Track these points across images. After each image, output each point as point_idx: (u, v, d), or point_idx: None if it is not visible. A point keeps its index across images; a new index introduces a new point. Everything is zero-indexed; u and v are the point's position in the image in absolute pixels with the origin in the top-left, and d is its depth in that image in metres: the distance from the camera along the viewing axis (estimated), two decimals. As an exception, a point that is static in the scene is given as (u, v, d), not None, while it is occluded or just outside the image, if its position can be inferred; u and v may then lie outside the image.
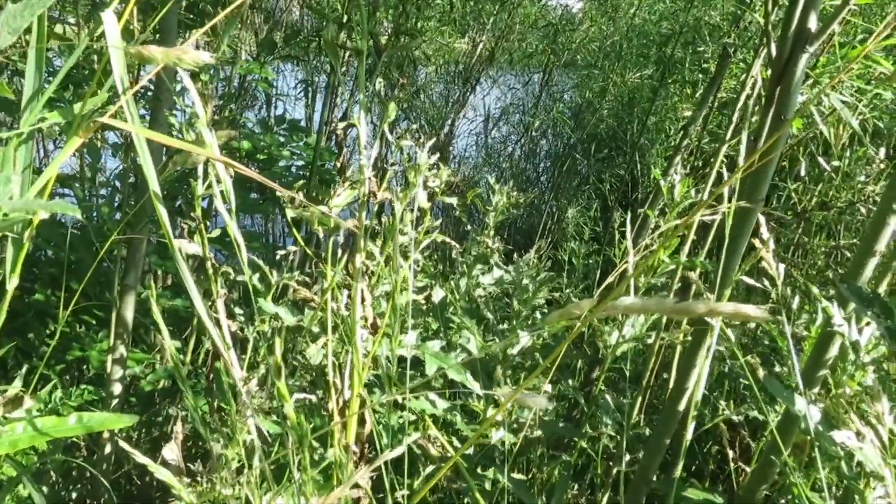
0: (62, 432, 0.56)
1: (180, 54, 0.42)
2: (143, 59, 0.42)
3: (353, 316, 1.18)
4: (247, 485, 0.72)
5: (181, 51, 0.42)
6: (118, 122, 0.46)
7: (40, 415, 0.62)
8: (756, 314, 0.39)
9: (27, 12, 0.34)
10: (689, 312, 0.39)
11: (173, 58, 0.41)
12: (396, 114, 1.26)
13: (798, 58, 1.22)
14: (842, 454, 0.85)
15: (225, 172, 0.60)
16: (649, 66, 3.90)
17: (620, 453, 1.63)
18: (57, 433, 0.55)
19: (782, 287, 0.95)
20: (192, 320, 2.33)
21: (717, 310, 0.39)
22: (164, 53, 0.41)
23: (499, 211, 1.67)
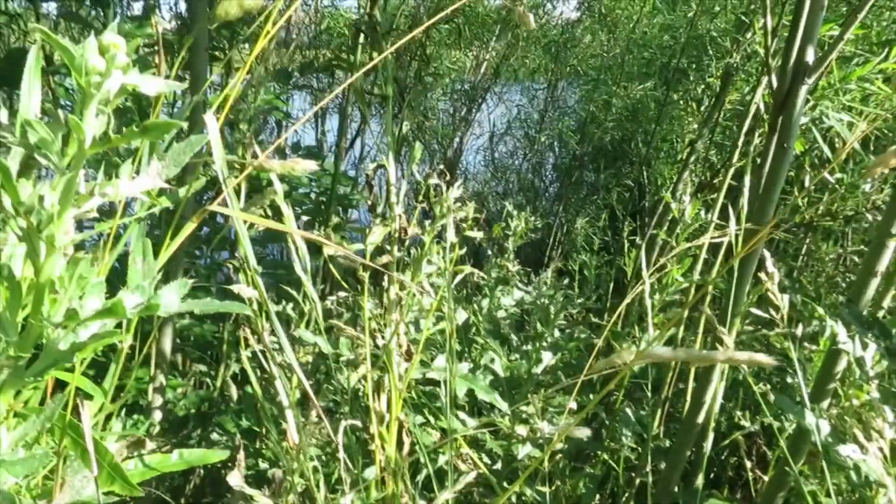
0: (167, 467, 0.64)
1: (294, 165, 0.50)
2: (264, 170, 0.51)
3: (391, 344, 1.26)
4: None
5: (294, 162, 0.51)
6: (222, 209, 0.54)
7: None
8: (767, 361, 0.47)
9: (188, 150, 0.43)
10: (711, 360, 0.47)
11: (288, 168, 0.50)
12: (407, 132, 1.34)
13: (798, 90, 1.30)
14: (850, 464, 0.93)
15: (302, 241, 0.68)
16: (651, 79, 3.99)
17: (642, 464, 1.71)
18: (163, 468, 0.64)
19: (789, 309, 1.03)
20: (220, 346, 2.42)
21: (734, 357, 0.48)
22: (281, 165, 0.50)
23: (517, 236, 1.76)
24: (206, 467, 2.49)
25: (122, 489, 0.52)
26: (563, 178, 4.92)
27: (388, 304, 1.28)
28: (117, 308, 0.38)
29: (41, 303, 0.41)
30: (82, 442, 0.52)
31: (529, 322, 1.87)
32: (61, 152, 0.38)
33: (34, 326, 0.41)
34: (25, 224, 0.37)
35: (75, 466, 0.58)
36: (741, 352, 0.47)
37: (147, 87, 0.37)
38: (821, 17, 1.26)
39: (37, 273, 0.40)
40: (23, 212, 0.37)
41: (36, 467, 0.44)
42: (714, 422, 1.39)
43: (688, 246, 1.42)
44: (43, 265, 0.40)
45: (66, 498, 0.57)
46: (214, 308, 0.45)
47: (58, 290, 0.41)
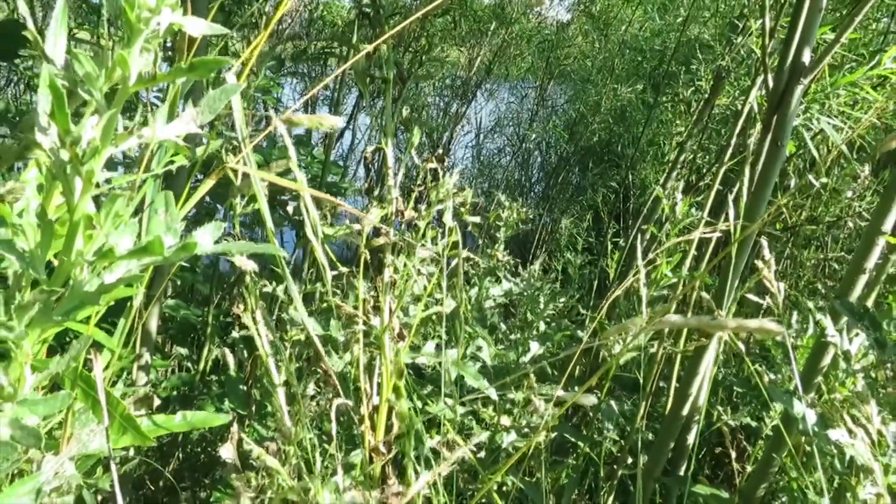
0: (173, 427, 0.64)
1: (321, 120, 0.51)
2: (291, 124, 0.51)
3: (383, 326, 1.27)
4: (311, 479, 0.81)
5: (321, 117, 0.51)
6: (241, 166, 0.55)
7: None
8: (776, 329, 0.48)
9: (223, 96, 0.43)
10: (723, 328, 0.49)
11: (316, 122, 0.51)
12: (397, 127, 1.35)
13: (793, 89, 1.33)
14: (835, 452, 0.95)
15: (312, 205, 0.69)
16: (641, 82, 4.02)
17: (624, 457, 1.73)
18: (169, 428, 0.64)
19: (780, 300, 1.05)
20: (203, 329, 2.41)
21: (745, 325, 0.49)
22: (308, 119, 0.51)
23: (509, 226, 1.77)
24: (186, 451, 2.48)
25: (134, 440, 0.52)
26: (550, 178, 4.95)
27: (381, 286, 1.28)
28: (155, 246, 0.38)
29: (73, 240, 0.41)
30: (94, 393, 0.52)
31: (516, 313, 1.88)
32: (104, 89, 0.38)
33: (65, 264, 0.41)
34: (69, 156, 0.37)
35: (83, 420, 0.58)
36: (750, 319, 0.49)
37: (192, 27, 0.38)
38: (819, 18, 1.29)
39: (70, 211, 0.40)
40: (69, 142, 0.37)
41: (58, 408, 0.44)
42: (699, 414, 1.42)
43: (678, 240, 1.44)
44: (78, 203, 0.40)
45: (73, 450, 0.57)
46: (251, 249, 0.46)
47: (94, 225, 0.41)
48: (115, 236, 0.41)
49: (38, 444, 0.40)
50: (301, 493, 0.77)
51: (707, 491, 1.14)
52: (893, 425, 0.88)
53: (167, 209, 0.47)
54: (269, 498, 0.87)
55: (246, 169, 0.55)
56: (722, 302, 1.20)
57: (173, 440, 2.42)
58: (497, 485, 1.78)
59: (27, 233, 0.40)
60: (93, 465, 0.60)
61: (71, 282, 0.42)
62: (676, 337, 1.82)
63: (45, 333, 0.53)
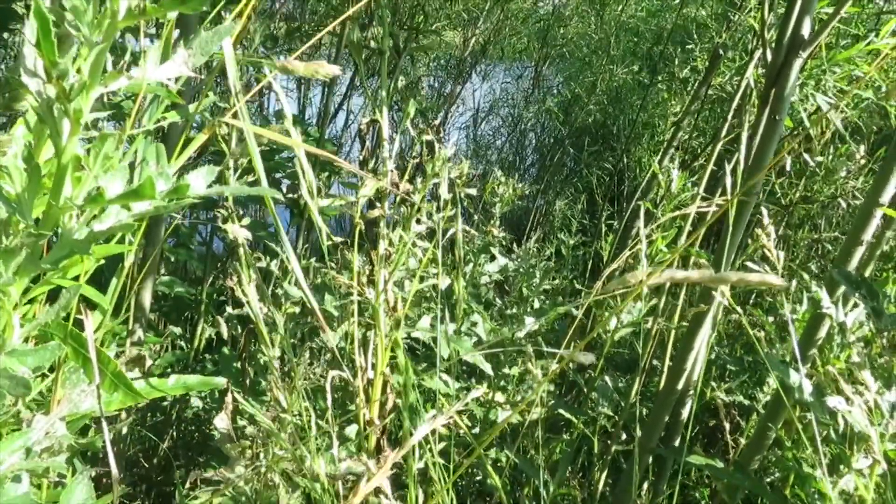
0: (167, 390, 0.64)
1: (317, 67, 0.49)
2: (286, 71, 0.50)
3: (378, 300, 1.26)
4: (305, 446, 0.80)
5: (317, 65, 0.50)
6: (235, 121, 0.53)
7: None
8: (778, 282, 0.48)
9: (215, 38, 0.42)
10: (725, 281, 0.48)
11: (312, 70, 0.49)
12: (392, 100, 1.34)
13: (792, 62, 1.32)
14: (831, 422, 0.95)
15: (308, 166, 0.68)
16: (637, 63, 4.00)
17: (618, 432, 1.73)
18: (164, 391, 0.63)
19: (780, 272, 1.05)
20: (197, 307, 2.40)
21: (746, 279, 0.48)
22: (305, 67, 0.49)
23: (504, 202, 1.76)
24: (180, 429, 2.47)
25: (126, 398, 0.51)
26: (544, 159, 4.93)
27: (377, 259, 1.27)
28: (146, 189, 0.37)
29: (62, 184, 0.40)
30: (84, 351, 0.51)
31: (511, 290, 1.88)
32: (92, 23, 0.36)
33: (54, 209, 0.40)
34: (56, 91, 0.36)
35: (73, 379, 0.57)
36: (752, 273, 0.48)
37: (183, -40, 0.37)
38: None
39: (58, 153, 0.39)
40: (55, 75, 0.35)
41: (48, 359, 0.43)
42: (693, 389, 1.42)
43: (674, 215, 1.44)
44: (66, 145, 0.38)
45: (63, 410, 0.56)
46: (246, 192, 0.45)
47: (83, 166, 0.39)
48: (105, 180, 0.40)
49: (27, 393, 0.39)
50: (297, 461, 0.77)
51: (702, 461, 1.15)
52: (889, 394, 0.88)
53: (158, 161, 0.46)
54: (264, 466, 0.87)
55: (240, 123, 0.54)
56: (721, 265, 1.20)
57: (167, 419, 2.42)
58: (493, 461, 1.78)
59: (13, 177, 0.39)
60: (83, 427, 0.59)
61: (60, 229, 0.41)
62: (671, 314, 1.82)
63: (34, 291, 0.52)
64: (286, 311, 1.41)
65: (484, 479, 1.85)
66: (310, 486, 0.91)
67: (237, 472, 0.91)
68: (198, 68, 0.44)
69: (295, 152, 0.65)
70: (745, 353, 2.49)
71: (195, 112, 0.55)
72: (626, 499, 1.56)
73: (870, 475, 0.90)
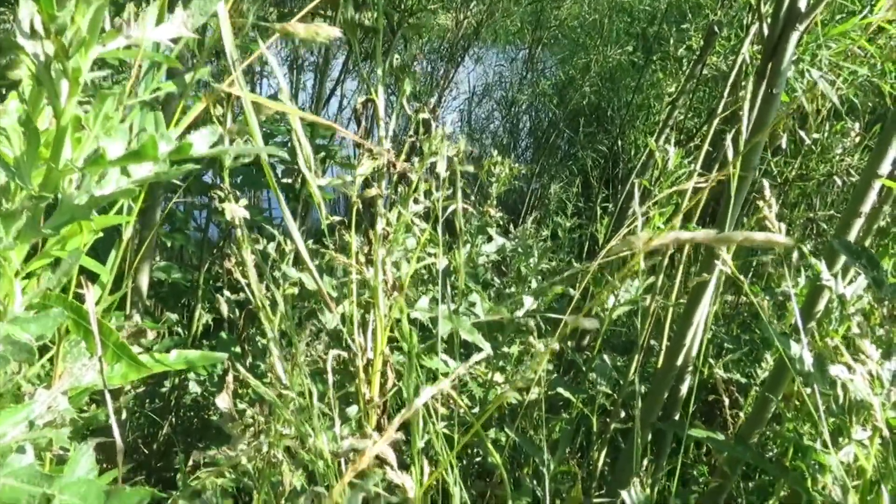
0: (169, 365, 0.63)
1: (317, 30, 0.49)
2: (287, 34, 0.49)
3: (377, 279, 1.26)
4: (308, 423, 0.80)
5: (316, 27, 0.49)
6: (234, 89, 0.53)
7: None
8: (783, 241, 0.47)
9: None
10: (730, 242, 0.48)
11: (312, 33, 0.49)
12: (386, 83, 1.33)
13: (789, 35, 1.31)
14: (831, 393, 0.96)
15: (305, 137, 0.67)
16: (632, 43, 3.99)
17: (617, 410, 1.74)
18: (167, 366, 0.62)
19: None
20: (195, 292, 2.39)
21: (751, 238, 0.48)
22: (305, 29, 0.48)
23: (501, 182, 1.75)
24: (179, 416, 2.47)
25: (129, 369, 0.51)
26: (539, 143, 4.92)
27: (374, 238, 1.27)
28: (148, 149, 0.36)
29: (61, 147, 0.39)
30: (86, 323, 0.51)
31: (508, 271, 1.87)
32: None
33: (54, 172, 0.39)
34: (54, 49, 0.35)
35: (75, 353, 0.56)
36: (757, 232, 0.48)
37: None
38: (816, -39, 1.27)
39: (57, 115, 0.38)
40: (53, 31, 0.34)
41: (50, 327, 0.43)
42: (692, 365, 1.42)
43: (671, 191, 1.44)
44: (65, 107, 0.38)
45: (65, 384, 0.55)
46: (249, 151, 0.44)
47: (83, 126, 0.39)
48: (105, 142, 0.39)
49: (31, 359, 0.39)
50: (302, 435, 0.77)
51: (703, 434, 1.15)
52: (890, 363, 0.88)
53: (157, 129, 0.45)
54: (266, 443, 0.87)
55: (237, 91, 0.53)
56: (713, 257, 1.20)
57: (166, 405, 2.42)
58: (493, 441, 1.79)
59: (12, 140, 0.38)
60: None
61: (60, 195, 0.40)
62: (668, 293, 1.82)
63: (34, 263, 0.51)
64: (285, 291, 1.41)
65: (484, 458, 1.86)
66: (313, 463, 0.91)
67: (239, 451, 0.91)
68: (195, 32, 0.43)
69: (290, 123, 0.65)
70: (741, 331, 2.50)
71: (191, 82, 0.54)
72: (625, 476, 1.57)
73: (870, 444, 0.91)
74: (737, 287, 2.73)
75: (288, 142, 2.81)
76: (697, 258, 1.97)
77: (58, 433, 0.54)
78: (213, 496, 0.76)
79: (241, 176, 2.34)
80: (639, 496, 0.90)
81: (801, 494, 1.31)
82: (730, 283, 2.73)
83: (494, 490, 1.64)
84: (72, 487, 0.46)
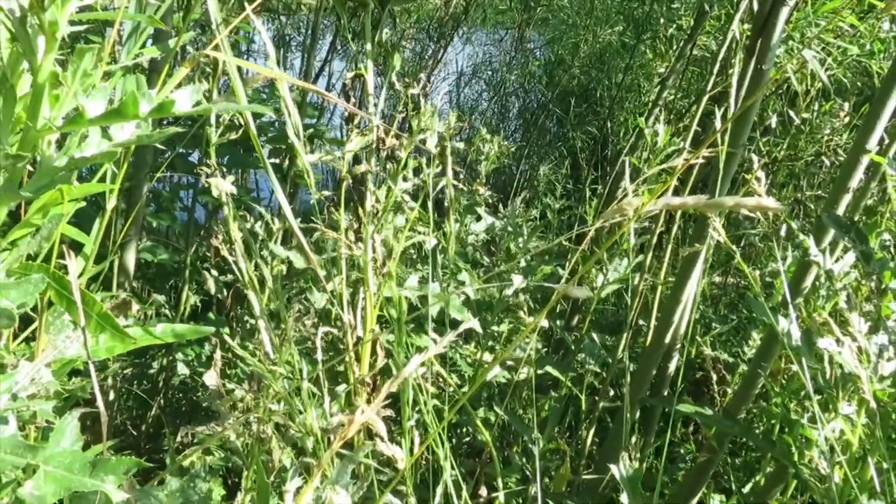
0: (157, 337, 0.62)
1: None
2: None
3: (366, 257, 1.25)
4: (297, 399, 0.80)
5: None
6: (218, 53, 0.52)
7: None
8: (774, 205, 0.47)
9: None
10: (721, 207, 0.47)
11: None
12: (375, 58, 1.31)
13: (779, 11, 1.31)
14: (818, 367, 0.96)
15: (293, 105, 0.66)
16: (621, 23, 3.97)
17: (605, 389, 1.74)
18: (154, 339, 0.62)
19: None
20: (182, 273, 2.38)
21: (743, 202, 0.48)
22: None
23: (490, 160, 1.74)
24: (167, 397, 2.47)
25: (115, 341, 0.50)
26: (528, 124, 4.91)
27: (364, 216, 1.26)
28: (128, 106, 0.35)
29: (39, 105, 0.38)
30: (68, 293, 0.50)
31: (497, 251, 1.87)
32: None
33: (31, 131, 0.38)
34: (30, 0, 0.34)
35: (58, 325, 0.56)
36: (747, 198, 0.47)
37: None
38: (807, -66, 1.26)
39: (34, 72, 0.37)
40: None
41: (31, 293, 0.42)
42: (680, 343, 1.43)
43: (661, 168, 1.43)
44: (42, 63, 0.36)
45: (48, 357, 0.54)
46: (234, 108, 0.43)
47: (60, 81, 0.37)
48: (84, 99, 0.38)
49: (11, 325, 0.38)
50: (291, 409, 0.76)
51: (691, 409, 1.16)
52: (877, 337, 0.88)
53: (139, 88, 0.44)
54: (255, 419, 0.86)
55: (221, 55, 0.52)
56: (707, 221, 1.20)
57: (154, 387, 2.41)
58: (482, 420, 1.79)
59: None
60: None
61: (39, 158, 0.39)
62: (657, 271, 1.83)
63: (14, 233, 0.50)
64: (274, 267, 1.40)
65: (474, 438, 1.87)
66: (303, 442, 0.91)
67: (227, 426, 0.90)
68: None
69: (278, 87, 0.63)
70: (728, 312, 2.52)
71: (174, 48, 0.53)
72: (613, 454, 1.58)
73: (857, 416, 0.91)
74: (724, 269, 2.74)
75: (275, 121, 2.79)
76: (685, 240, 1.97)
77: (42, 407, 0.54)
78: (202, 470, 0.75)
79: (228, 156, 2.31)
80: (628, 469, 0.90)
81: (787, 472, 1.33)
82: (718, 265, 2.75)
83: (484, 468, 1.64)
84: (56, 458, 0.45)
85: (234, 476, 1.79)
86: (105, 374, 1.01)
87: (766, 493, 1.37)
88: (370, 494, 0.75)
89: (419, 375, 1.52)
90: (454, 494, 0.83)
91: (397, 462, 0.58)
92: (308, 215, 1.41)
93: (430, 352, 0.53)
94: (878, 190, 1.52)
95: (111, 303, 0.58)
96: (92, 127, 0.38)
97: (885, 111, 1.12)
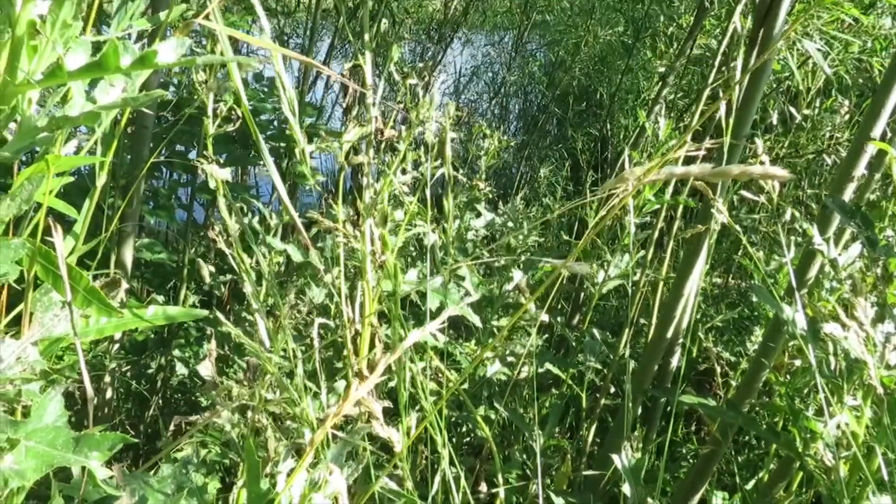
0: (149, 320, 0.61)
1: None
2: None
3: (364, 250, 1.23)
4: (293, 387, 0.78)
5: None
6: (209, 23, 0.50)
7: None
8: (781, 174, 0.46)
9: None
10: (726, 175, 0.46)
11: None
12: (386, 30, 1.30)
13: (781, 1, 1.30)
14: (823, 355, 0.95)
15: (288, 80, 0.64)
16: (622, 24, 3.96)
17: (606, 385, 1.73)
18: (146, 321, 0.60)
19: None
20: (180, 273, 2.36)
21: (749, 171, 0.46)
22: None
23: (490, 155, 1.73)
24: (165, 397, 2.45)
25: (100, 312, 0.48)
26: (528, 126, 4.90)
27: (362, 208, 1.25)
28: (109, 59, 0.34)
29: (17, 59, 0.36)
30: (54, 268, 0.49)
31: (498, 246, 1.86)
32: None
33: (10, 86, 0.36)
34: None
35: (45, 302, 0.54)
36: (754, 165, 0.46)
37: None
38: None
39: (12, 24, 0.35)
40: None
41: (12, 258, 0.40)
42: (683, 337, 1.41)
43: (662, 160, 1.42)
44: (20, 13, 0.35)
45: (35, 335, 0.53)
46: (218, 60, 0.42)
47: (39, 31, 0.36)
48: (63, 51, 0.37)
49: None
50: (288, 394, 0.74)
51: (694, 400, 1.14)
52: (883, 325, 0.87)
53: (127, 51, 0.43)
54: (251, 408, 0.85)
55: (212, 25, 0.50)
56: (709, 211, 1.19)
57: (152, 387, 2.39)
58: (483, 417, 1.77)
59: (-36, 53, 0.36)
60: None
61: (19, 117, 0.38)
62: (659, 265, 1.81)
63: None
64: (272, 259, 1.39)
65: (474, 435, 1.85)
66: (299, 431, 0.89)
67: (224, 417, 0.88)
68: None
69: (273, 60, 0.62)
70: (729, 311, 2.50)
71: (165, 21, 0.51)
72: (614, 450, 1.56)
73: (863, 406, 0.90)
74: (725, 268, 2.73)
75: (273, 120, 2.77)
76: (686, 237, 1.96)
77: (28, 387, 0.52)
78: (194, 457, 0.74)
79: (226, 154, 2.30)
80: (630, 460, 0.89)
81: (791, 468, 1.31)
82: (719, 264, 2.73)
83: (484, 465, 1.63)
84: (39, 433, 0.44)
85: (232, 476, 1.78)
86: (93, 353, 1.00)
87: (770, 490, 1.35)
88: (367, 480, 0.74)
89: (418, 371, 1.51)
90: (453, 486, 0.81)
91: (394, 445, 0.57)
92: (307, 211, 1.40)
93: (427, 327, 0.51)
94: (881, 181, 1.51)
95: (100, 281, 0.56)
96: (73, 81, 0.37)
97: (889, 99, 1.10)
